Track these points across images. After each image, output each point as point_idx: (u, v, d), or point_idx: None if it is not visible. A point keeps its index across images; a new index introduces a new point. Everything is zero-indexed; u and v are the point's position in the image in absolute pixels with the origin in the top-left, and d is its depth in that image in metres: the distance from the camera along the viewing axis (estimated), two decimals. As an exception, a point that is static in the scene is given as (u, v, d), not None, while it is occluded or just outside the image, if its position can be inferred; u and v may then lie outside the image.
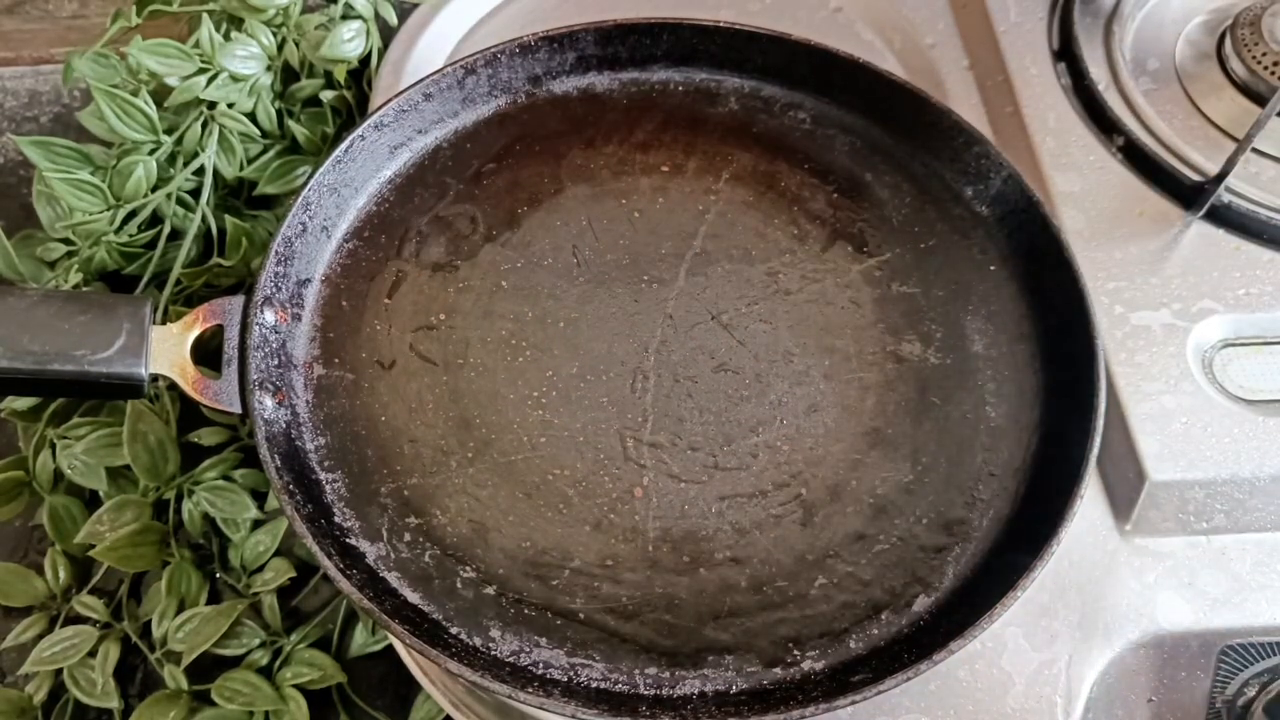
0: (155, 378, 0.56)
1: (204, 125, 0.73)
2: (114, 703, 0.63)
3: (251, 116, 0.76)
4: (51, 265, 0.74)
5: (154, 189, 0.72)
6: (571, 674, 0.52)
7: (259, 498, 0.67)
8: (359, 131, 0.64)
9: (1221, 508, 0.59)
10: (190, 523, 0.66)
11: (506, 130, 0.70)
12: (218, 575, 0.67)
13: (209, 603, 0.65)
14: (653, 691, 0.52)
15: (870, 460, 0.59)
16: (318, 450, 0.58)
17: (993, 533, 0.57)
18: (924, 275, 0.65)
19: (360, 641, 0.65)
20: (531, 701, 0.49)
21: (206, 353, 0.58)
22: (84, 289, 0.71)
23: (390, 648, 0.65)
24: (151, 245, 0.72)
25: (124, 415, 0.64)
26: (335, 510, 0.56)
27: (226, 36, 0.75)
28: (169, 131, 0.73)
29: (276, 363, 0.59)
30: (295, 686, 0.63)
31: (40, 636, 0.64)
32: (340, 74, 0.78)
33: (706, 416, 0.60)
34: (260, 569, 0.66)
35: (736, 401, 0.60)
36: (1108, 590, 0.58)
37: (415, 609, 0.54)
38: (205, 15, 0.74)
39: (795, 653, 0.53)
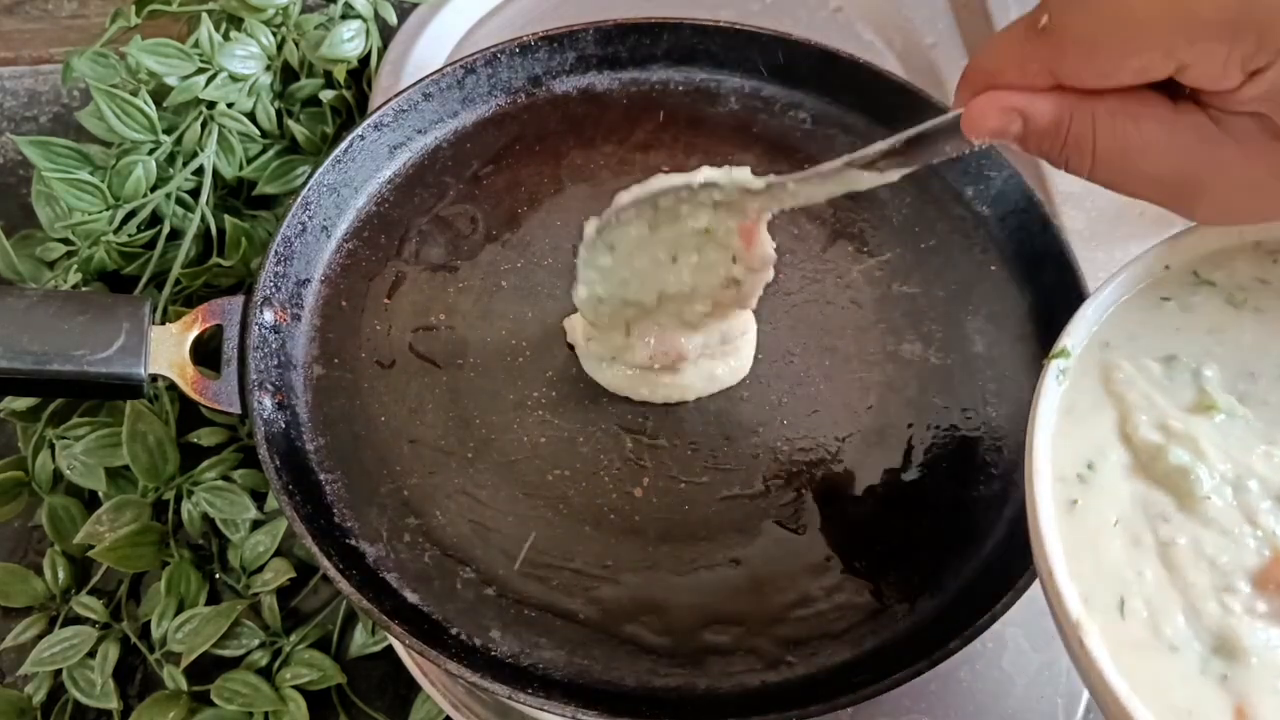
0: (154, 378, 0.56)
1: (203, 125, 0.73)
2: (113, 703, 0.63)
3: (251, 116, 0.76)
4: (51, 265, 0.74)
5: (153, 189, 0.72)
6: (571, 674, 0.52)
7: (258, 498, 0.67)
8: (358, 131, 0.64)
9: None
10: (190, 523, 0.66)
11: (506, 130, 0.70)
12: (217, 575, 0.67)
13: (208, 603, 0.65)
14: (653, 692, 0.52)
15: (870, 460, 0.59)
16: (317, 450, 0.58)
17: (993, 533, 0.57)
18: (924, 275, 0.65)
19: (360, 642, 0.65)
20: (531, 702, 0.49)
21: (206, 353, 0.58)
22: (83, 289, 0.71)
23: (390, 648, 0.65)
24: (151, 245, 0.72)
25: (123, 415, 0.64)
26: (335, 511, 0.56)
27: (226, 36, 0.75)
28: (168, 131, 0.73)
29: (276, 363, 0.59)
30: (295, 687, 0.62)
31: (40, 637, 0.64)
32: (340, 74, 0.78)
33: (706, 417, 0.60)
34: (260, 569, 0.66)
35: (736, 402, 0.60)
36: (1108, 590, 0.58)
37: (415, 609, 0.54)
38: (205, 15, 0.74)
39: (795, 653, 0.53)
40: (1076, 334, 0.45)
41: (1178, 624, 0.39)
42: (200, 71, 0.72)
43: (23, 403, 0.69)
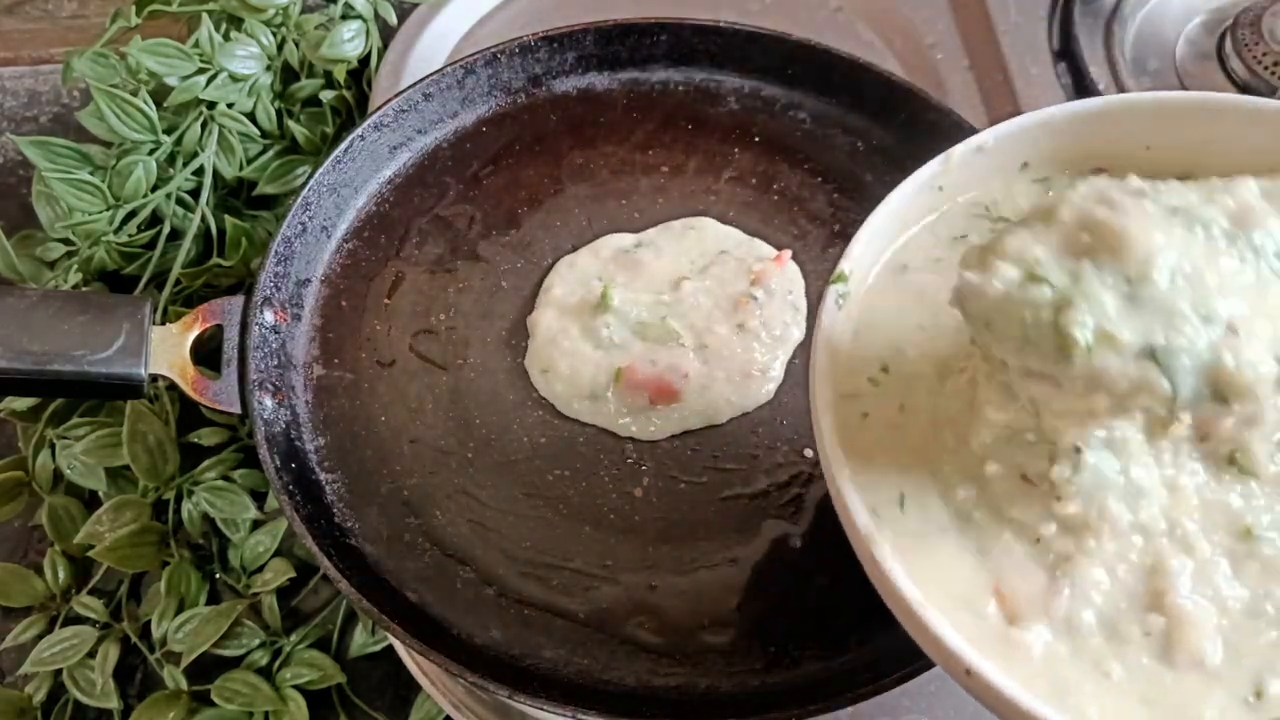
0: (155, 378, 0.56)
1: (204, 125, 0.73)
2: (113, 703, 0.63)
3: (251, 116, 0.76)
4: (51, 265, 0.74)
5: (153, 189, 0.72)
6: (571, 674, 0.52)
7: (259, 498, 0.67)
8: (359, 131, 0.64)
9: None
10: (190, 523, 0.66)
11: (506, 130, 0.70)
12: (217, 575, 0.67)
13: (209, 603, 0.65)
14: (653, 692, 0.52)
15: (870, 460, 0.59)
16: (317, 450, 0.58)
17: (993, 533, 0.57)
18: (924, 275, 0.65)
19: (360, 642, 0.65)
20: (531, 702, 0.49)
21: (206, 353, 0.58)
22: (84, 289, 0.71)
23: (390, 648, 0.65)
24: (151, 245, 0.72)
25: (124, 415, 0.64)
26: (335, 510, 0.56)
27: (226, 36, 0.75)
28: (169, 131, 0.73)
29: (276, 363, 0.59)
30: (295, 687, 0.63)
31: (40, 637, 0.64)
32: (340, 74, 0.78)
33: (706, 417, 0.60)
34: (260, 569, 0.66)
35: (736, 402, 0.60)
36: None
37: (415, 610, 0.54)
38: (205, 15, 0.74)
39: (795, 653, 0.53)
40: (854, 258, 0.45)
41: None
42: (200, 71, 0.72)
43: (23, 403, 0.68)
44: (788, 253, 0.63)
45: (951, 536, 0.40)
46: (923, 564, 0.39)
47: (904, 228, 0.47)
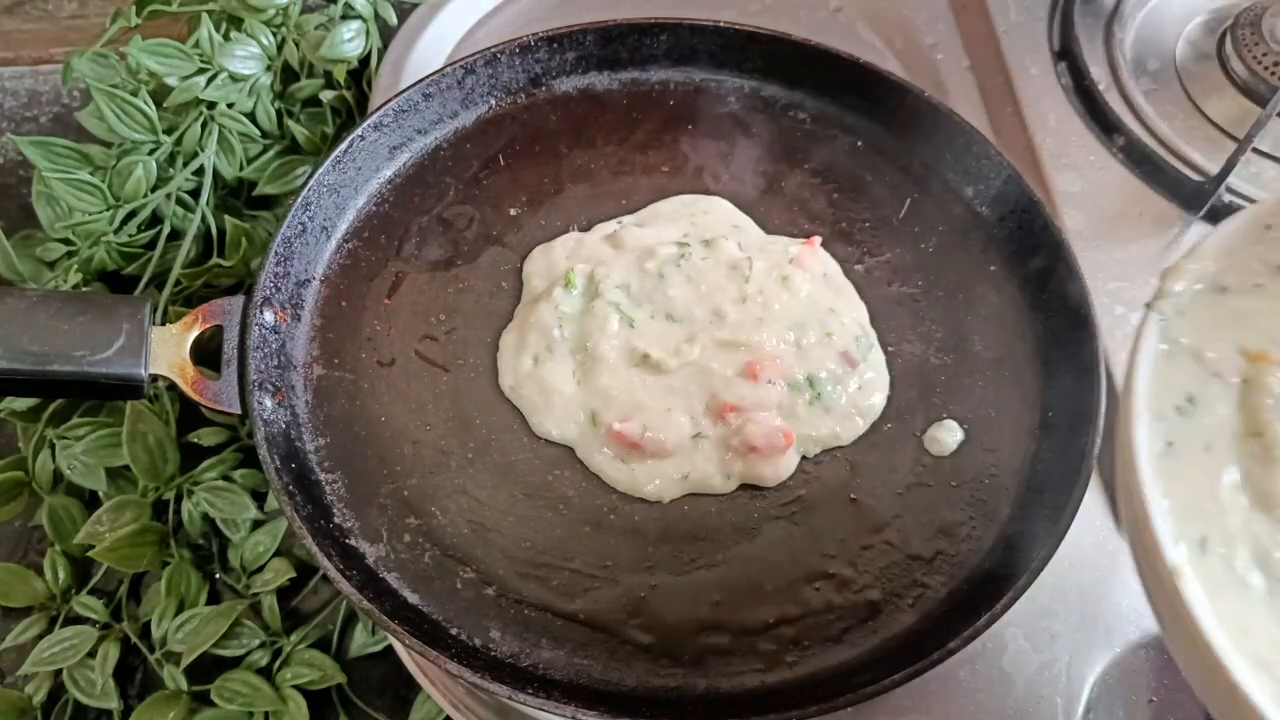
0: (155, 378, 0.56)
1: (204, 125, 0.73)
2: (113, 703, 0.63)
3: (251, 116, 0.76)
4: (51, 265, 0.74)
5: (154, 189, 0.72)
6: (571, 674, 0.52)
7: (259, 498, 0.67)
8: (358, 132, 0.64)
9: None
10: (190, 523, 0.66)
11: (506, 130, 0.70)
12: (217, 575, 0.67)
13: (209, 603, 0.65)
14: (652, 692, 0.52)
15: (871, 460, 0.59)
16: (317, 451, 0.58)
17: (993, 534, 0.57)
18: (924, 275, 0.65)
19: (360, 642, 0.65)
20: (531, 702, 0.49)
21: (206, 353, 0.58)
22: (84, 289, 0.71)
23: (390, 648, 0.65)
24: (151, 245, 0.72)
25: (124, 415, 0.64)
26: (335, 511, 0.56)
27: (226, 36, 0.75)
28: (169, 131, 0.73)
29: (276, 363, 0.59)
30: (295, 687, 0.63)
31: (40, 637, 0.64)
32: (340, 74, 0.78)
33: (706, 417, 0.60)
34: (260, 569, 0.66)
35: (736, 402, 0.60)
36: (1108, 591, 0.58)
37: (415, 610, 0.54)
38: (205, 15, 0.74)
39: (796, 653, 0.53)
40: (1182, 276, 0.45)
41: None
42: (200, 71, 0.72)
43: (23, 403, 0.68)
44: (817, 238, 0.63)
45: (1257, 594, 0.38)
46: (1221, 613, 0.37)
47: (1228, 253, 0.46)
